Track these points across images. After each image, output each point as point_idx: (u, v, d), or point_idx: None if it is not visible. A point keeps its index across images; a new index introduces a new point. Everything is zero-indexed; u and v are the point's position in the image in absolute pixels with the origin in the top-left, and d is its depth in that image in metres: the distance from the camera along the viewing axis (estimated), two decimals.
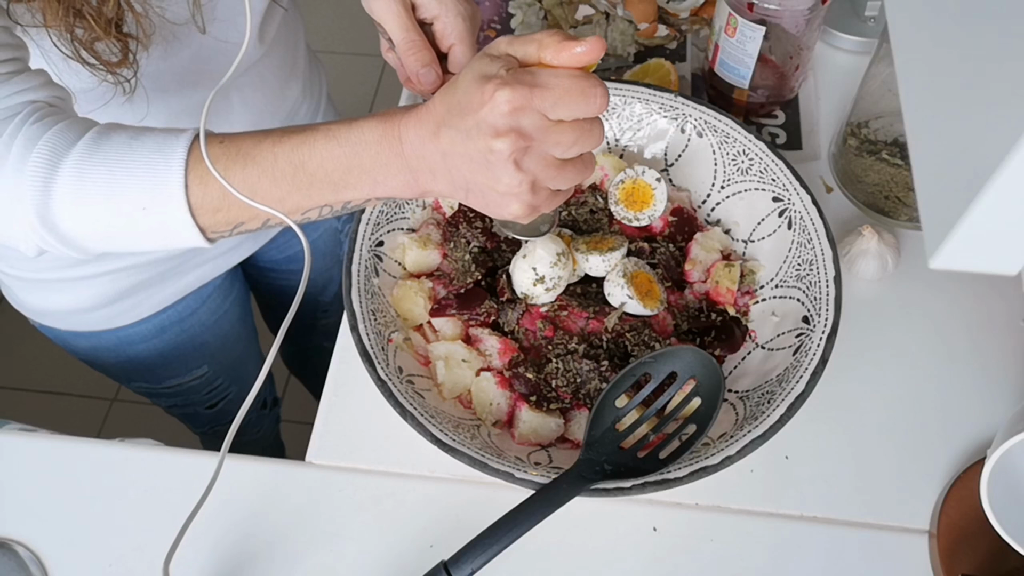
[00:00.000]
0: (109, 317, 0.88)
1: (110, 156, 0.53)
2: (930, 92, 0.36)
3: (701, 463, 0.62)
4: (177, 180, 0.53)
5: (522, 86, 0.48)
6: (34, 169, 0.52)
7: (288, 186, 0.54)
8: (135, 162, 0.53)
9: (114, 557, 0.69)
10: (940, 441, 0.72)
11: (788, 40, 0.85)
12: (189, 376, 1.01)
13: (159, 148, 0.53)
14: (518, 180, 0.50)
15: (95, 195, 0.53)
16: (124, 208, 0.54)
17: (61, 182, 0.53)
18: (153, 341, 0.93)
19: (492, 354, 0.71)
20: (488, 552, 0.59)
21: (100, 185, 0.53)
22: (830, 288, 0.69)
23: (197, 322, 0.96)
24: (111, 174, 0.53)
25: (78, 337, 0.91)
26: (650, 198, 0.77)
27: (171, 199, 0.53)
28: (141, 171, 0.53)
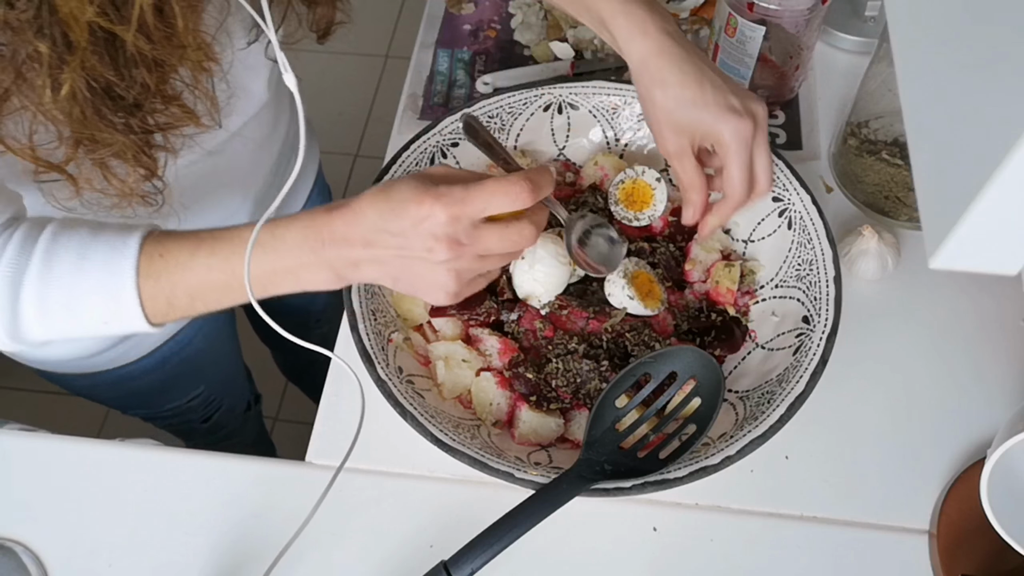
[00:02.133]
0: (110, 359, 0.88)
1: (64, 282, 0.58)
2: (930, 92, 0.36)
3: (701, 463, 0.62)
4: (132, 302, 0.59)
5: (455, 200, 0.54)
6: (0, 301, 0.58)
7: (223, 290, 0.60)
8: (89, 284, 0.58)
9: (114, 557, 0.69)
10: (940, 441, 0.72)
11: (788, 40, 0.85)
12: (186, 398, 1.01)
13: (109, 270, 0.58)
14: (450, 278, 0.58)
15: (59, 319, 0.59)
16: (88, 324, 0.60)
17: (25, 312, 0.58)
18: (155, 373, 0.93)
19: (492, 354, 0.71)
20: (488, 552, 0.59)
21: (62, 311, 0.59)
22: (830, 288, 0.69)
23: (195, 349, 0.95)
24: (70, 304, 0.59)
25: (77, 379, 0.90)
26: (650, 198, 0.77)
27: (129, 314, 0.59)
28: (97, 295, 0.59)
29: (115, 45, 0.53)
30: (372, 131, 2.08)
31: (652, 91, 0.65)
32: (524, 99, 0.82)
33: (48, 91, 0.51)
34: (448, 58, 0.99)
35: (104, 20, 0.50)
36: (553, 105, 0.83)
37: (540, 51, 0.99)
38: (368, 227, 0.56)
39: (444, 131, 0.80)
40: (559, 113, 0.83)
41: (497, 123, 0.82)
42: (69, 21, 0.49)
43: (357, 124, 2.11)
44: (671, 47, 0.63)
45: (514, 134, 0.83)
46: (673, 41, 0.64)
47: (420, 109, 0.95)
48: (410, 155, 0.79)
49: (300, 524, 0.69)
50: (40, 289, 0.58)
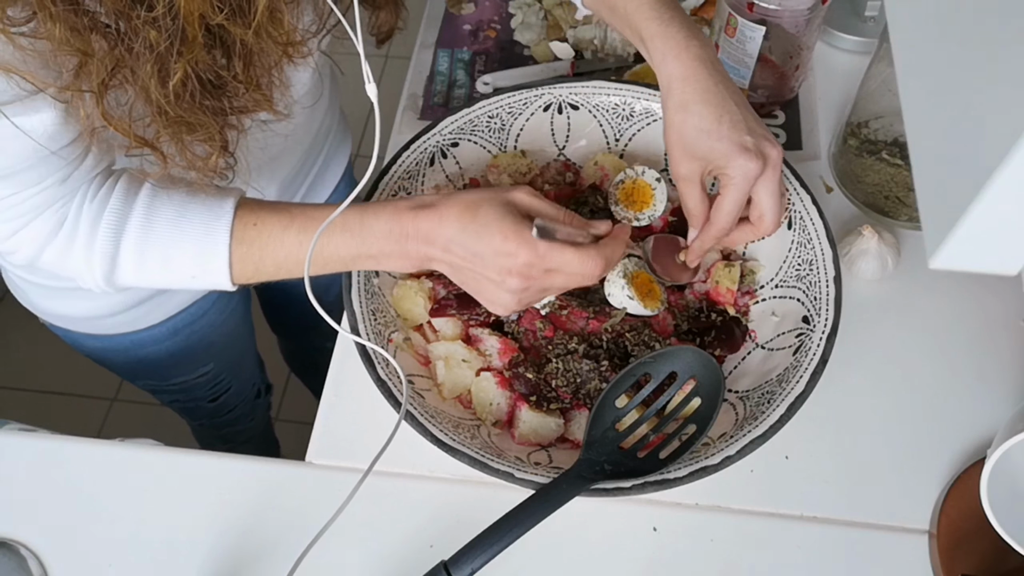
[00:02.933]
0: (125, 322, 0.89)
1: (163, 235, 0.63)
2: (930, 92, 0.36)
3: (701, 463, 0.62)
4: (223, 262, 0.64)
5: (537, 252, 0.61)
6: (101, 248, 0.62)
7: (311, 265, 0.64)
8: (186, 242, 0.63)
9: (114, 557, 0.69)
10: (940, 441, 0.72)
11: (788, 40, 0.85)
12: (195, 374, 1.02)
13: (206, 230, 0.63)
14: (512, 300, 0.64)
15: (153, 270, 0.64)
16: (177, 277, 0.65)
17: (124, 259, 0.63)
18: (165, 343, 0.94)
19: (492, 354, 0.71)
20: (488, 552, 0.59)
21: (157, 262, 0.64)
22: (830, 288, 0.69)
23: (207, 323, 0.96)
24: (165, 257, 0.64)
25: (90, 339, 0.91)
26: (650, 198, 0.77)
27: (217, 273, 0.65)
28: (191, 252, 0.64)
29: (224, 40, 0.56)
30: (372, 131, 2.08)
31: (674, 114, 0.66)
32: (524, 99, 0.82)
33: (155, 78, 0.54)
34: (448, 58, 0.99)
35: (227, 21, 0.53)
36: (553, 105, 0.83)
37: (540, 51, 0.99)
38: (450, 235, 0.62)
39: (444, 131, 0.80)
40: (559, 113, 0.83)
41: (497, 123, 0.82)
42: (190, 19, 0.52)
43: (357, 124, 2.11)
44: (700, 74, 0.64)
45: (514, 134, 0.83)
46: (704, 68, 0.65)
47: (420, 109, 0.95)
48: (410, 155, 0.79)
49: (300, 524, 0.69)
50: (140, 239, 0.63)
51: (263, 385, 1.24)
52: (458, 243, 0.62)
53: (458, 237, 0.62)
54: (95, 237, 0.62)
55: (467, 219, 0.62)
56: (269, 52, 0.59)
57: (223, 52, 0.57)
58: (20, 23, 0.50)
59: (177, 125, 0.58)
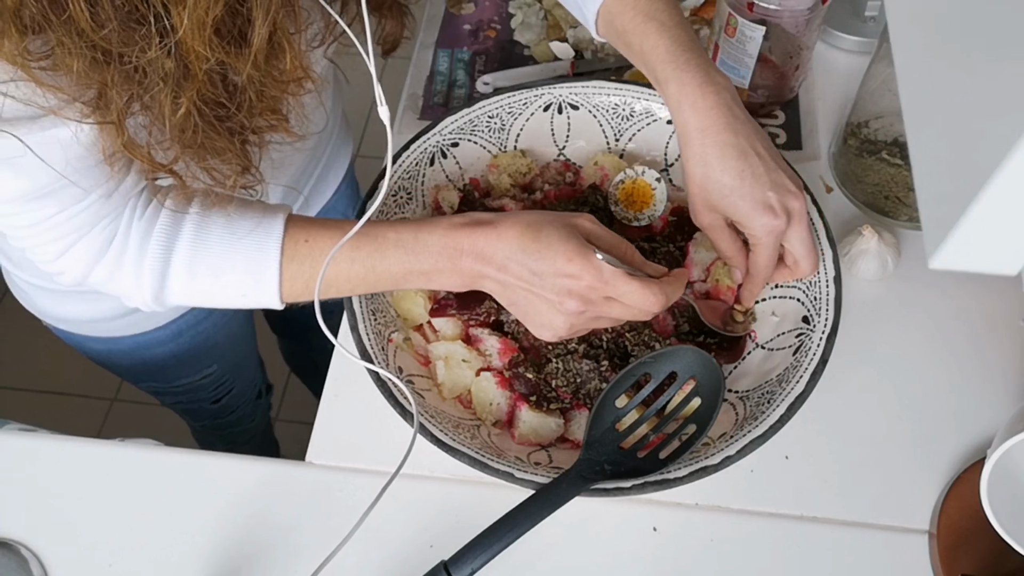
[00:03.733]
0: (129, 325, 0.89)
1: (213, 252, 0.62)
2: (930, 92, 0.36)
3: (701, 463, 0.62)
4: (274, 280, 0.63)
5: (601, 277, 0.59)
6: (151, 265, 0.62)
7: (359, 282, 0.65)
8: (236, 259, 0.63)
9: (114, 557, 0.69)
10: (940, 441, 0.72)
11: (788, 40, 0.85)
12: (199, 375, 1.02)
13: (257, 247, 0.63)
14: (565, 325, 0.62)
15: (203, 288, 0.64)
16: (227, 295, 0.65)
17: (174, 276, 0.63)
18: (169, 345, 0.94)
19: (492, 354, 0.71)
20: (488, 552, 0.59)
21: (207, 280, 0.63)
22: (830, 288, 0.69)
23: (211, 324, 0.96)
24: (216, 275, 0.63)
25: (94, 341, 0.91)
26: (650, 198, 0.77)
27: (268, 291, 0.64)
28: (241, 269, 0.63)
29: (227, 75, 0.55)
30: (372, 131, 2.08)
31: (694, 168, 0.65)
32: (524, 99, 0.82)
33: (168, 108, 0.53)
34: (448, 58, 0.99)
35: (225, 56, 0.53)
36: (553, 105, 0.83)
37: (540, 51, 0.99)
38: (508, 254, 0.61)
39: (444, 131, 0.80)
40: (559, 113, 0.83)
41: (497, 123, 0.82)
42: (191, 57, 0.51)
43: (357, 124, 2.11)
44: (719, 124, 0.63)
45: (514, 134, 0.83)
46: (723, 117, 0.63)
47: (420, 109, 0.95)
48: (410, 155, 0.79)
49: (300, 524, 0.69)
50: (191, 256, 0.62)
51: (264, 386, 1.24)
52: (517, 261, 0.61)
53: (517, 256, 0.60)
54: (145, 254, 0.62)
55: (528, 238, 0.60)
56: (276, 84, 0.58)
57: (231, 83, 0.56)
58: (40, 57, 0.50)
59: (196, 148, 0.57)
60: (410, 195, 0.79)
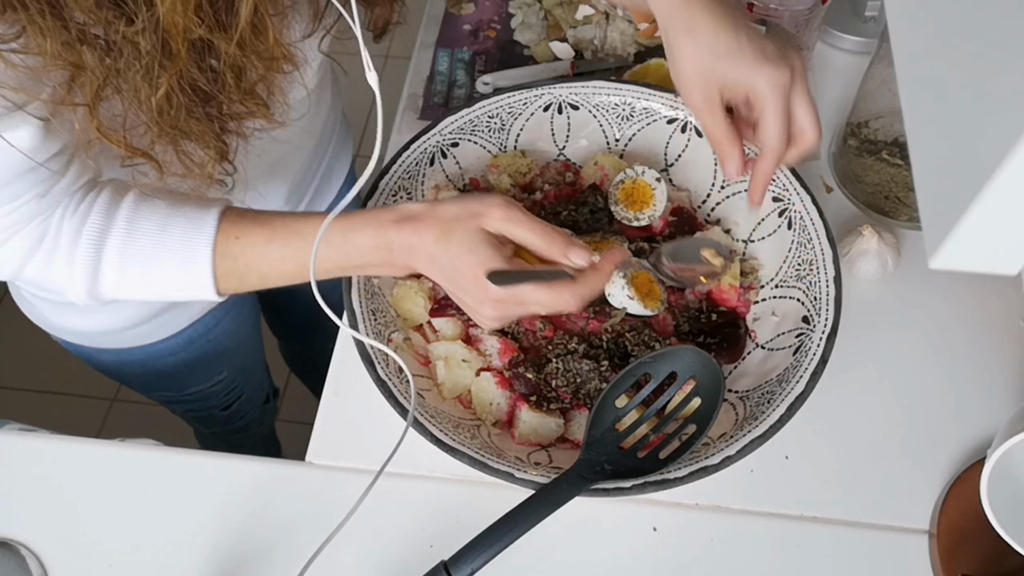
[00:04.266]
0: (141, 335, 0.88)
1: (144, 249, 0.63)
2: (930, 92, 0.36)
3: (701, 463, 0.62)
4: (207, 276, 0.64)
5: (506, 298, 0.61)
6: (83, 262, 0.62)
7: (292, 276, 0.66)
8: (167, 256, 0.63)
9: (114, 557, 0.69)
10: (940, 441, 0.72)
11: None
12: (210, 382, 1.02)
13: (187, 245, 0.63)
14: (494, 323, 0.65)
15: (135, 283, 0.64)
16: (160, 291, 0.66)
17: (106, 271, 0.63)
18: (181, 354, 0.94)
19: (492, 354, 0.71)
20: (488, 552, 0.59)
21: (139, 276, 0.64)
22: (830, 288, 0.69)
23: (222, 331, 0.96)
24: (147, 271, 0.64)
25: (105, 353, 0.91)
26: (650, 198, 0.77)
27: (202, 287, 0.65)
28: (172, 266, 0.64)
29: (209, 53, 0.55)
30: (372, 131, 2.08)
31: (681, 41, 0.62)
32: (524, 99, 0.82)
33: (144, 91, 0.53)
34: (448, 58, 0.99)
35: (208, 34, 0.52)
36: (553, 105, 0.83)
37: (540, 51, 0.99)
38: (432, 253, 0.62)
39: (444, 131, 0.80)
40: (559, 113, 0.83)
41: (497, 123, 0.82)
42: (172, 32, 0.51)
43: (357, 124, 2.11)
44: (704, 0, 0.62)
45: (514, 134, 0.83)
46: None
47: (420, 109, 0.95)
48: (410, 155, 0.79)
49: (300, 524, 0.69)
50: (121, 254, 0.62)
51: (271, 390, 1.24)
52: (437, 265, 0.63)
53: (439, 257, 0.62)
54: (75, 251, 0.62)
55: (441, 247, 0.62)
56: (257, 64, 0.58)
57: (209, 64, 0.56)
58: (10, 39, 0.49)
59: (172, 132, 0.57)
60: (410, 195, 0.79)
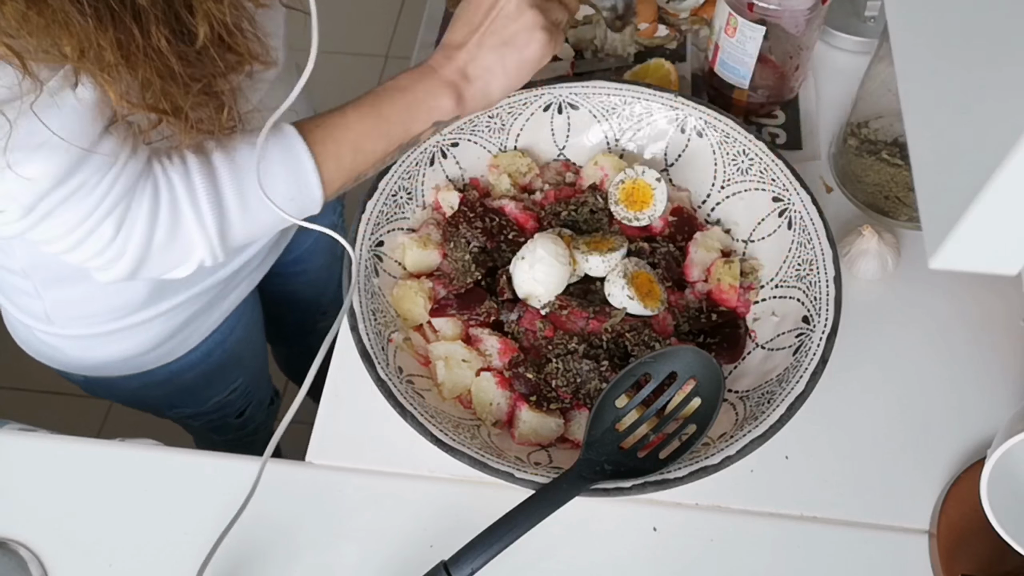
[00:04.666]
0: (162, 355, 0.89)
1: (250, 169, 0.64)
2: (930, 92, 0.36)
3: (701, 463, 0.62)
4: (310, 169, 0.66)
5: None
6: (208, 208, 0.63)
7: (376, 134, 0.69)
8: (272, 165, 0.65)
9: (114, 557, 0.69)
10: (940, 441, 0.72)
11: (788, 40, 0.85)
12: (227, 391, 1.03)
13: (282, 147, 0.65)
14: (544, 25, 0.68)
15: (256, 208, 0.65)
16: (278, 204, 0.65)
17: (229, 205, 0.64)
18: (200, 367, 0.94)
19: (492, 354, 0.71)
20: (488, 552, 0.59)
21: (256, 197, 0.64)
22: (830, 288, 0.69)
23: (236, 339, 0.97)
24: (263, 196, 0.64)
25: (127, 380, 0.91)
26: (650, 198, 0.77)
27: (310, 184, 0.66)
28: (281, 174, 0.65)
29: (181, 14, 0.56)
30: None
31: None
32: (524, 99, 0.82)
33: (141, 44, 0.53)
34: None
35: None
36: (553, 105, 0.83)
37: None
38: (458, 33, 0.69)
39: (444, 131, 0.80)
40: (559, 113, 0.83)
41: (497, 123, 0.82)
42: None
43: None
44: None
45: (514, 134, 0.83)
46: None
47: None
48: (410, 155, 0.79)
49: (300, 524, 0.69)
50: (234, 180, 0.64)
51: (274, 392, 1.25)
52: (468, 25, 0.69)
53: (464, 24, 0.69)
54: (196, 193, 0.62)
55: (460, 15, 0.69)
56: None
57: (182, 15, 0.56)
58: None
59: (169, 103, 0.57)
60: (410, 195, 0.79)
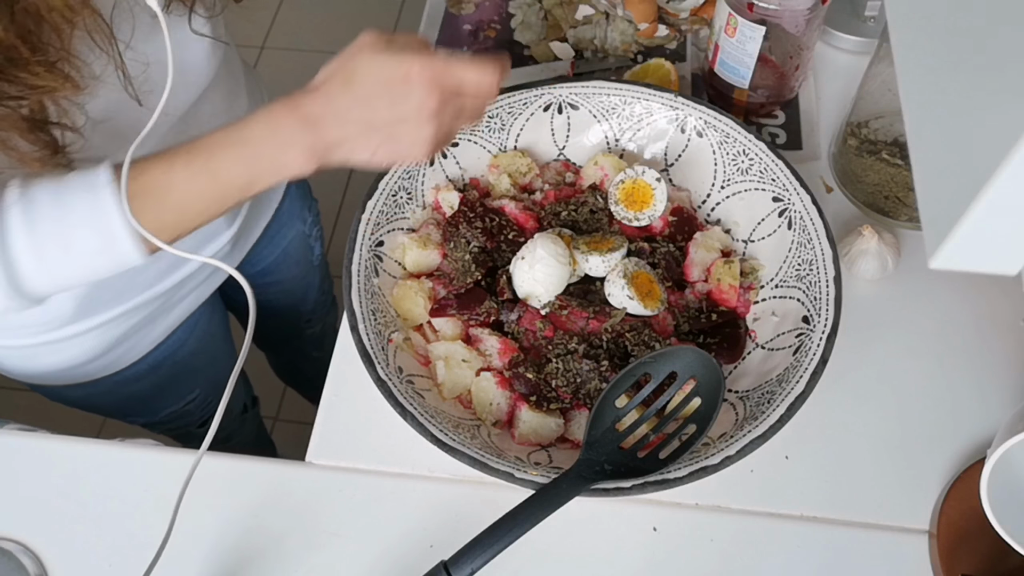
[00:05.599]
0: (104, 366, 0.87)
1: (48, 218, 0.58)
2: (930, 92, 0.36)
3: (701, 463, 0.62)
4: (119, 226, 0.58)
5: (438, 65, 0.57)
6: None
7: (207, 197, 0.60)
8: (74, 216, 0.58)
9: (114, 557, 0.69)
10: (940, 441, 0.72)
11: (788, 40, 0.85)
12: (183, 402, 1.01)
13: (90, 197, 0.58)
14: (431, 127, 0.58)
15: (55, 257, 0.58)
16: (83, 259, 0.59)
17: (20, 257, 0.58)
18: (149, 378, 0.92)
19: (492, 354, 0.71)
20: (488, 552, 0.59)
21: (56, 248, 0.58)
22: (830, 288, 0.69)
23: (188, 351, 0.95)
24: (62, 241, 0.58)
25: (73, 389, 0.90)
26: (650, 198, 0.77)
27: (119, 239, 0.58)
28: (83, 224, 0.58)
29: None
30: None
31: None
32: (524, 99, 0.82)
33: None
34: None
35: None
36: (553, 105, 0.83)
37: (540, 51, 0.99)
38: (340, 104, 0.57)
39: None
40: (559, 113, 0.83)
41: (497, 123, 0.82)
42: None
43: None
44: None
45: (514, 134, 0.83)
46: None
47: None
48: None
49: (300, 524, 0.69)
50: (29, 234, 0.57)
51: (249, 399, 1.23)
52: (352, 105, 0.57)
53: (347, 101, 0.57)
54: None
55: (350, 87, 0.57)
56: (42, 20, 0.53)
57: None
58: None
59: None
60: (410, 195, 0.79)
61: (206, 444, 0.63)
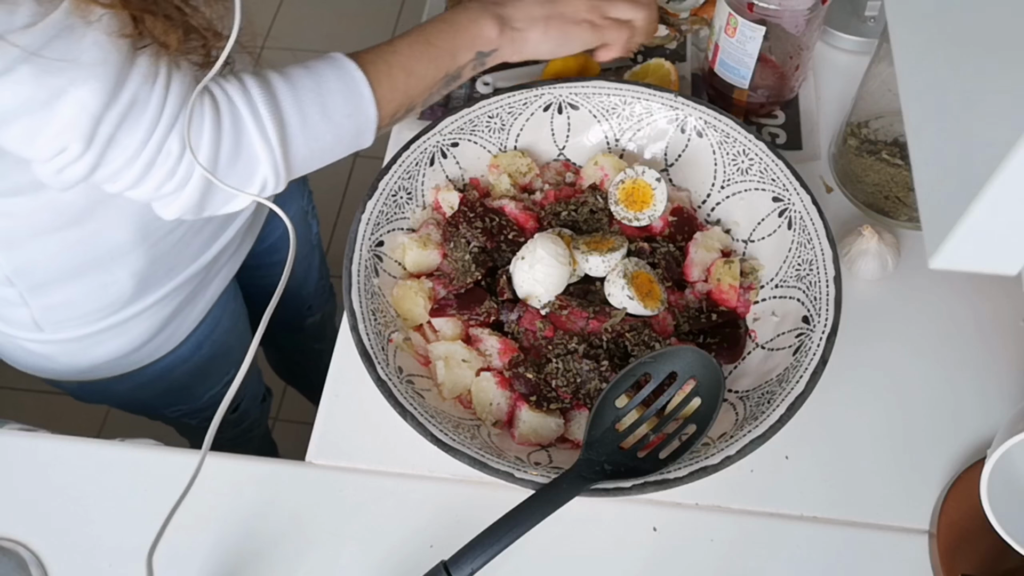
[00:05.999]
0: (152, 350, 0.89)
1: (306, 84, 0.67)
2: (930, 92, 0.36)
3: (701, 463, 0.62)
4: (364, 87, 0.70)
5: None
6: (269, 122, 0.65)
7: (425, 56, 0.73)
8: (327, 81, 0.68)
9: (114, 557, 0.69)
10: (940, 441, 0.72)
11: (788, 40, 0.85)
12: (221, 384, 1.03)
13: (334, 67, 0.69)
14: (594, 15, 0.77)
15: (315, 120, 0.68)
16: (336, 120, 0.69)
17: (289, 117, 0.66)
18: (192, 360, 0.94)
19: (492, 354, 0.71)
20: (488, 552, 0.59)
21: (316, 109, 0.68)
22: (830, 288, 0.69)
23: (223, 330, 0.97)
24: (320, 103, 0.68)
25: (119, 381, 0.91)
26: (650, 198, 0.77)
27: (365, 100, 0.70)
28: (336, 88, 0.68)
29: None
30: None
31: None
32: (524, 99, 0.82)
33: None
34: None
35: None
36: (553, 105, 0.83)
37: None
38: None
39: (444, 131, 0.80)
40: (559, 113, 0.83)
41: (497, 123, 0.82)
42: None
43: None
44: None
45: (514, 134, 0.83)
46: None
47: None
48: (410, 155, 0.79)
49: (300, 524, 0.69)
50: (294, 98, 0.66)
51: (265, 389, 1.24)
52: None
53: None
54: (255, 104, 0.64)
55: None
56: None
57: None
58: None
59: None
60: (410, 195, 0.79)
61: (207, 444, 0.64)
